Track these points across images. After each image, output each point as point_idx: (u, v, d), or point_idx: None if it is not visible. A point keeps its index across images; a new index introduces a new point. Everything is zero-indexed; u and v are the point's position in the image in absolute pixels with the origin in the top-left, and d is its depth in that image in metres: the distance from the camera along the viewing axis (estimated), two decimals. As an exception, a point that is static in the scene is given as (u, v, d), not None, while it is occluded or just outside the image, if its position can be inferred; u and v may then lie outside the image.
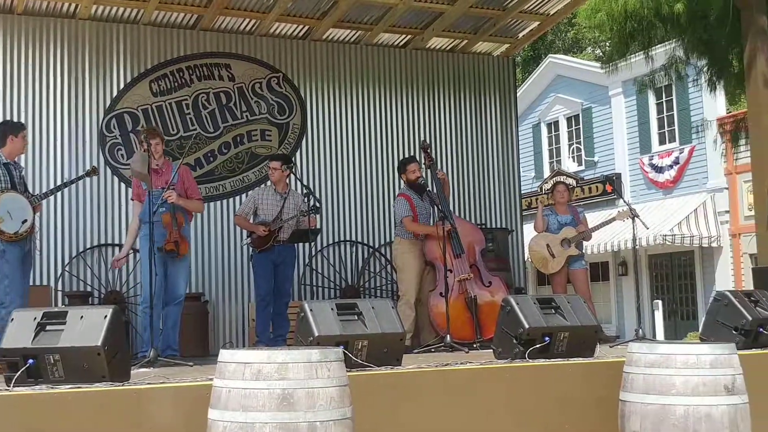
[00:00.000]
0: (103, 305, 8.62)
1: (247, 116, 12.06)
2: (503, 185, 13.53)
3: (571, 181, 22.52)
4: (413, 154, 12.13)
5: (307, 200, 9.69)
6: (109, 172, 11.21)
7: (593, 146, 24.82)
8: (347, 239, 12.40)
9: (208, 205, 11.52)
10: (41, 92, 11.10)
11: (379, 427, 5.89)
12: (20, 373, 5.52)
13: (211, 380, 5.19)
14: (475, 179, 13.33)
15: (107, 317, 5.70)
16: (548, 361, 6.85)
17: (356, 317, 6.58)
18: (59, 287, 10.80)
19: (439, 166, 12.22)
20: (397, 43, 13.19)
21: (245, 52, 12.17)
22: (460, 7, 12.31)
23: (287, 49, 12.44)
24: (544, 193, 22.64)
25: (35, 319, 5.78)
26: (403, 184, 10.32)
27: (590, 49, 33.41)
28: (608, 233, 19.44)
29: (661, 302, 21.41)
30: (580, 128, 25.36)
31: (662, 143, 22.90)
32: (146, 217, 8.55)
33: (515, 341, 6.95)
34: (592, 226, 11.11)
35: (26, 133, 8.40)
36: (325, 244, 12.16)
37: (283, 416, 4.75)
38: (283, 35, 12.45)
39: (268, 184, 10.30)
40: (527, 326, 6.90)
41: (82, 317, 5.75)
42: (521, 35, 13.70)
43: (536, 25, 13.46)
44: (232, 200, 11.70)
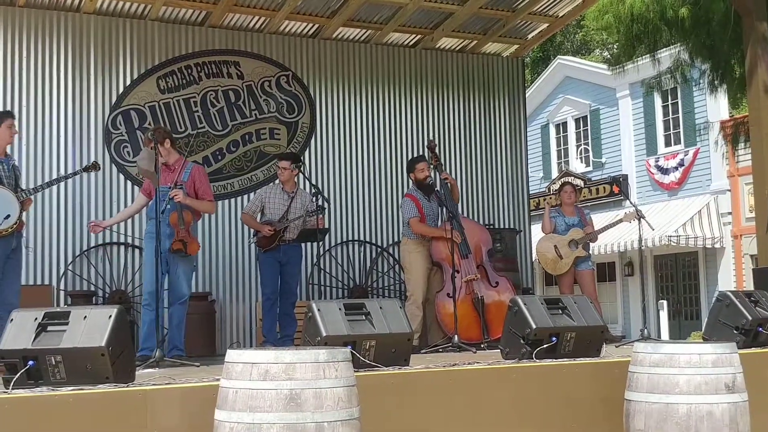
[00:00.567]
0: (107, 305, 8.58)
1: (255, 114, 12.03)
2: (511, 186, 13.51)
3: (578, 182, 22.63)
4: (422, 153, 12.10)
5: (315, 200, 9.66)
6: (114, 169, 11.16)
7: (601, 147, 24.83)
8: (355, 239, 12.38)
9: (216, 203, 11.49)
10: (44, 88, 11.02)
11: (386, 427, 5.87)
12: (20, 374, 5.40)
13: (217, 381, 5.16)
14: (483, 179, 13.32)
15: (112, 317, 5.60)
16: (555, 361, 6.85)
17: (364, 317, 6.55)
18: (62, 287, 10.74)
19: (447, 166, 12.23)
20: (406, 42, 13.17)
21: (254, 49, 12.15)
22: (470, 7, 12.30)
23: (297, 47, 12.42)
24: (552, 193, 22.64)
25: (36, 319, 5.65)
26: (411, 184, 10.30)
27: (598, 51, 33.39)
28: (614, 234, 19.43)
29: (666, 302, 21.43)
30: (588, 129, 25.38)
31: (668, 145, 22.95)
32: (153, 213, 8.55)
33: (523, 341, 6.95)
34: (599, 227, 11.12)
35: (12, 122, 7.90)
36: (333, 243, 12.14)
37: (290, 417, 4.72)
38: (292, 33, 12.43)
39: (276, 182, 10.27)
40: (534, 326, 6.89)
41: (85, 317, 5.63)
42: (530, 36, 13.69)
43: (545, 26, 13.46)
44: (240, 199, 11.67)
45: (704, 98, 20.30)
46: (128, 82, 11.42)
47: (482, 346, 9.06)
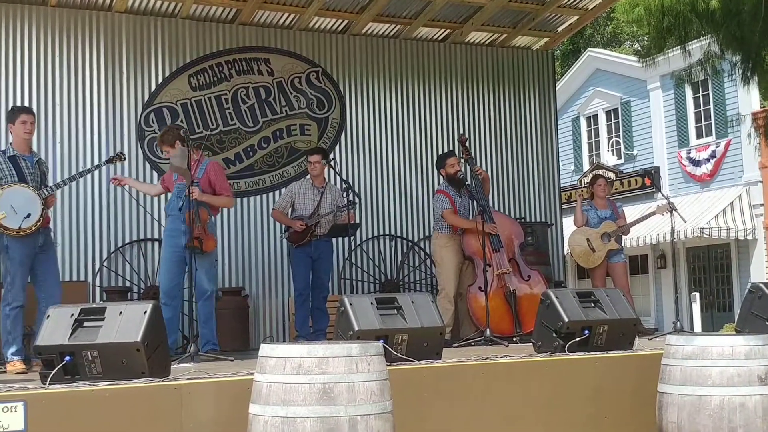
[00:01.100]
0: (142, 301, 8.64)
1: (286, 111, 12.07)
2: (542, 179, 13.48)
3: (610, 174, 22.54)
4: (452, 148, 12.11)
5: (346, 195, 9.70)
6: (148, 166, 11.23)
7: (632, 140, 24.71)
8: (386, 233, 12.40)
9: (248, 199, 11.58)
10: (78, 87, 11.07)
11: (419, 420, 5.90)
12: (57, 370, 5.48)
13: (251, 375, 5.20)
14: (514, 173, 13.29)
15: (147, 313, 5.68)
16: (588, 354, 6.86)
17: (396, 311, 6.59)
18: (97, 283, 10.81)
19: (478, 160, 12.20)
20: (436, 37, 13.16)
21: (284, 46, 12.18)
22: (499, 1, 12.26)
23: (326, 43, 12.44)
24: (583, 186, 22.55)
25: (72, 315, 5.75)
26: (442, 179, 10.31)
27: (629, 43, 33.20)
28: (647, 227, 19.32)
29: (698, 295, 21.32)
30: (619, 122, 25.24)
31: (699, 137, 22.79)
32: (171, 210, 8.64)
33: (555, 335, 6.97)
34: (632, 219, 11.10)
35: (26, 117, 7.89)
36: (364, 238, 12.16)
37: (323, 410, 4.76)
38: (322, 30, 12.45)
39: (306, 178, 10.32)
40: (567, 320, 6.91)
41: (121, 313, 5.72)
42: (560, 29, 13.63)
43: (575, 19, 13.39)
44: (271, 195, 11.69)
45: (735, 89, 20.15)
46: (160, 80, 11.48)
47: (514, 339, 9.06)
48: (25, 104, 10.43)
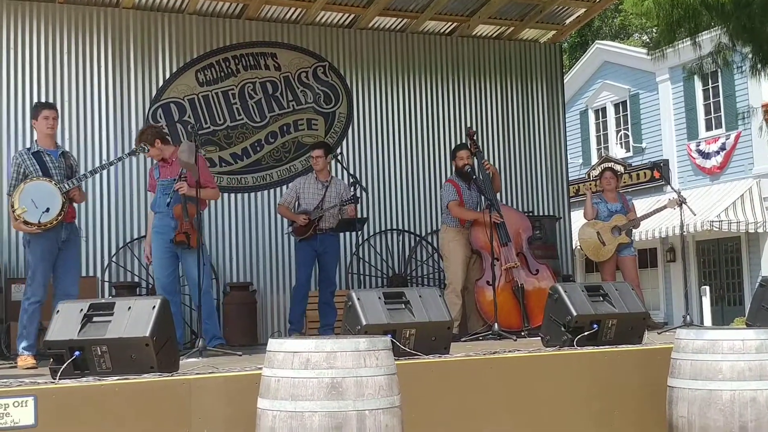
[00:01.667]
0: (151, 296, 8.66)
1: (293, 105, 12.07)
2: (550, 172, 13.46)
3: (619, 167, 22.48)
4: (459, 142, 12.09)
5: (354, 189, 9.71)
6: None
7: (641, 132, 24.64)
8: (394, 228, 12.40)
9: (255, 194, 11.60)
10: (86, 82, 11.11)
11: (427, 415, 5.90)
12: (66, 365, 5.50)
13: (260, 369, 5.22)
14: (522, 166, 13.28)
15: (155, 308, 5.69)
16: (596, 348, 6.84)
17: (404, 306, 6.58)
18: (106, 278, 10.86)
19: (486, 153, 12.20)
20: (443, 30, 13.14)
21: (291, 41, 12.18)
22: (506, -7, 12.27)
23: (333, 37, 12.44)
24: (592, 179, 22.51)
25: (81, 310, 5.77)
26: (454, 170, 10.31)
27: (637, 35, 33.13)
28: (656, 220, 19.30)
29: (708, 288, 21.25)
30: (627, 114, 25.18)
31: (709, 129, 22.70)
32: (157, 207, 8.63)
33: (563, 329, 6.94)
34: (642, 213, 11.07)
35: (49, 113, 7.89)
36: (372, 232, 12.17)
37: (332, 405, 4.76)
38: (329, 24, 12.44)
39: (312, 173, 10.32)
40: (575, 314, 6.89)
41: (130, 308, 5.74)
42: (568, 22, 13.61)
43: (583, 11, 13.36)
44: (278, 190, 11.71)
45: (745, 81, 20.05)
46: (167, 75, 11.50)
47: (522, 333, 9.06)
48: (33, 100, 10.50)
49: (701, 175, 22.59)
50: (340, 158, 11.14)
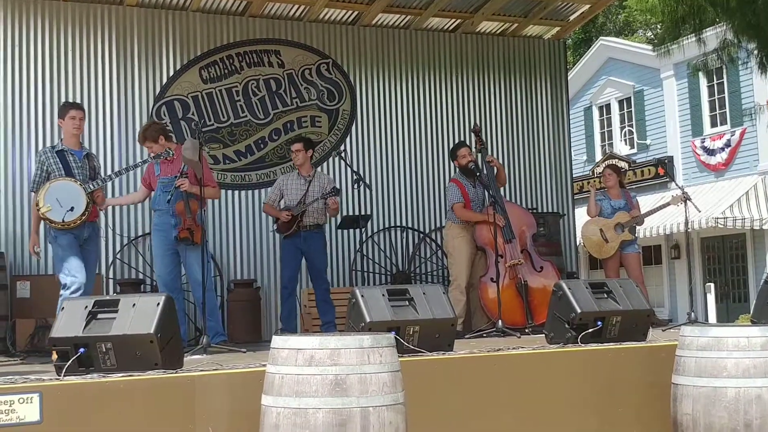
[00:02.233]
0: (155, 293, 8.66)
1: (297, 103, 12.07)
2: (554, 169, 13.46)
3: (623, 164, 22.45)
4: (463, 139, 12.09)
5: (358, 185, 9.69)
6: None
7: (645, 129, 24.62)
8: (398, 225, 12.39)
9: (259, 192, 11.60)
10: (90, 79, 11.11)
11: (431, 412, 5.90)
12: (71, 361, 5.52)
13: (264, 366, 5.22)
14: (526, 163, 13.27)
15: (160, 305, 5.71)
16: (600, 345, 6.84)
17: (407, 303, 6.58)
18: (110, 275, 10.87)
19: (489, 150, 12.18)
20: (446, 27, 13.13)
21: (294, 38, 12.18)
22: (509, -11, 12.25)
23: (337, 34, 12.43)
24: (596, 176, 22.50)
25: (86, 307, 5.79)
26: (457, 170, 10.30)
27: (641, 31, 33.08)
28: (660, 217, 19.25)
29: (713, 285, 21.22)
30: (632, 111, 25.15)
31: (714, 126, 22.66)
32: (157, 205, 8.62)
33: (567, 326, 6.94)
34: (646, 210, 11.06)
35: (75, 112, 7.96)
36: (375, 229, 12.17)
37: (335, 402, 4.77)
38: (332, 21, 12.44)
39: (294, 169, 10.26)
40: (579, 311, 6.89)
41: (134, 305, 5.75)
42: (572, 18, 13.59)
43: (587, 8, 13.34)
44: (282, 187, 11.71)
45: (750, 78, 20.03)
46: (171, 72, 11.51)
47: (526, 330, 9.06)
48: (37, 98, 10.51)
49: (706, 171, 22.56)
50: (343, 155, 11.14)
